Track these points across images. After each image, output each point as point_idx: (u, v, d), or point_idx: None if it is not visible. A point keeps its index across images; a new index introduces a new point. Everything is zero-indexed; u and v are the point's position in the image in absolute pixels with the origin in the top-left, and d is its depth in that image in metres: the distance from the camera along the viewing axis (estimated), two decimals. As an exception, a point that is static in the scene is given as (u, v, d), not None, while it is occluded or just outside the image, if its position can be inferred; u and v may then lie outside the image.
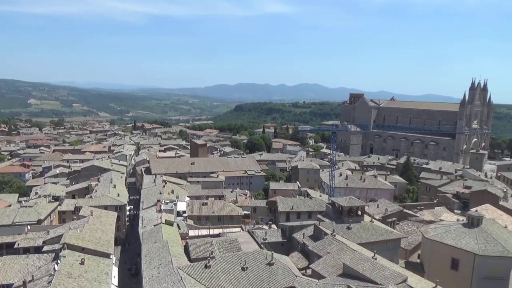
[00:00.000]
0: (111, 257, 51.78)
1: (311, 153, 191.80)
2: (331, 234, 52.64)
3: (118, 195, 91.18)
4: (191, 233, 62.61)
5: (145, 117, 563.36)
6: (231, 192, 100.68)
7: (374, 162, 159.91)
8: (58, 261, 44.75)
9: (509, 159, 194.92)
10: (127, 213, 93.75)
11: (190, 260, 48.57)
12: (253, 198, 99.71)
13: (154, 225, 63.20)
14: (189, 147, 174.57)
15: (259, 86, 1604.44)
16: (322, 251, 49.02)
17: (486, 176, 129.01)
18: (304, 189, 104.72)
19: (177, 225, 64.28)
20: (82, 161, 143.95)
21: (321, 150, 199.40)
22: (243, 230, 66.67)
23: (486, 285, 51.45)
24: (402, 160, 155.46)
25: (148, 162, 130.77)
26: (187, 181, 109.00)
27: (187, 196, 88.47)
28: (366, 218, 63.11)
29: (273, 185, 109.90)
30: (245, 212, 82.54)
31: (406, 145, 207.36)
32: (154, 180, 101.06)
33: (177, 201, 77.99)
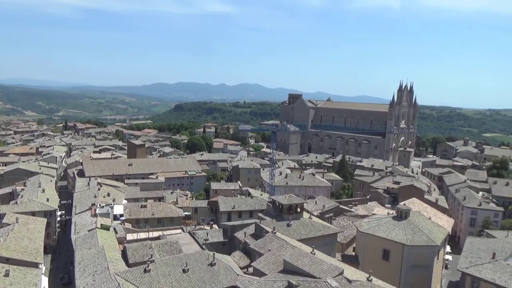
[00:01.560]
0: (40, 266, 48.41)
1: (252, 152, 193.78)
2: (271, 231, 53.58)
3: (48, 200, 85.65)
4: (129, 237, 60.36)
5: (77, 117, 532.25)
6: (171, 193, 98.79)
7: (312, 161, 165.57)
8: (-22, 274, 40.85)
9: (432, 156, 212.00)
10: (58, 218, 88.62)
11: (128, 265, 46.79)
12: (194, 199, 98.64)
13: (89, 230, 60.07)
14: (126, 147, 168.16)
15: (199, 86, 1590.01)
16: (263, 249, 49.75)
17: (412, 172, 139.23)
18: (245, 189, 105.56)
19: (114, 229, 61.62)
20: (6, 164, 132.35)
21: (262, 150, 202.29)
22: (184, 231, 65.62)
23: (414, 272, 55.67)
24: (338, 158, 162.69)
25: (81, 164, 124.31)
26: (124, 183, 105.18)
27: (125, 199, 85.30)
28: (305, 215, 65.16)
29: (214, 185, 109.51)
30: (185, 213, 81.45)
31: (341, 144, 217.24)
32: (88, 183, 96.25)
33: (114, 204, 74.74)
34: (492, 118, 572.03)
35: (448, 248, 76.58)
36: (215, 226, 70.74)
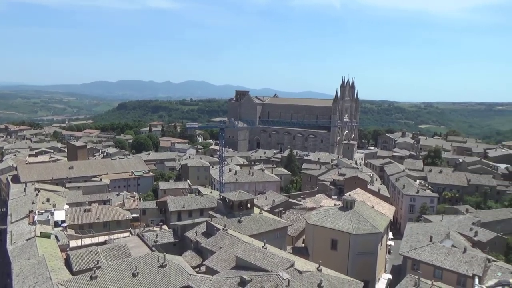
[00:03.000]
0: (-29, 282, 44.41)
1: (200, 150, 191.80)
2: (223, 229, 53.47)
3: (-22, 209, 78.63)
4: (73, 243, 57.32)
5: (10, 118, 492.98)
6: (117, 195, 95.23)
7: (261, 156, 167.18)
8: None
9: (373, 148, 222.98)
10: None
11: (72, 273, 44.39)
12: (141, 200, 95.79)
13: (27, 240, 56.08)
14: (65, 149, 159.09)
15: (143, 83, 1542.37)
16: (215, 246, 49.54)
17: (356, 163, 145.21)
18: (195, 187, 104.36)
19: (55, 236, 58.10)
20: None
21: (210, 147, 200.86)
22: (132, 234, 63.56)
23: (360, 259, 58.33)
24: (286, 153, 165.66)
25: (16, 169, 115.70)
26: (65, 188, 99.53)
27: (66, 204, 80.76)
28: (256, 210, 65.76)
29: (162, 185, 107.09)
30: (133, 215, 78.86)
31: (289, 139, 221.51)
32: (24, 189, 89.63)
33: (54, 210, 70.42)
34: (426, 111, 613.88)
35: (390, 234, 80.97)
36: (165, 226, 69.27)
